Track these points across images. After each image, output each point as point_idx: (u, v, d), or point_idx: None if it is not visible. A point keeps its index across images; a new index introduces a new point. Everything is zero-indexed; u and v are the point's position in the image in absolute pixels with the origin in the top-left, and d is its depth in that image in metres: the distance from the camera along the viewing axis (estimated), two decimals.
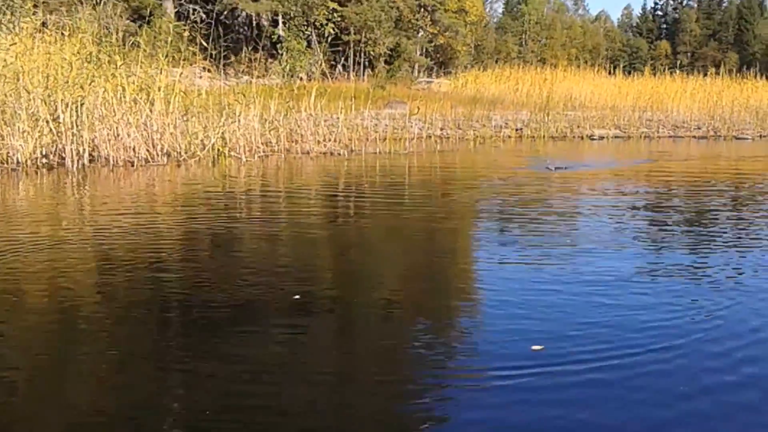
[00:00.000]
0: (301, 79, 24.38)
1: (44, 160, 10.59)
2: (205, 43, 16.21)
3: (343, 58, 33.48)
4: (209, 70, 22.29)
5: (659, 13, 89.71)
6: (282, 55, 27.36)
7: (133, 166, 10.90)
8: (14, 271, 4.87)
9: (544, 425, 2.73)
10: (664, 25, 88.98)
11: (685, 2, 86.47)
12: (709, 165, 13.32)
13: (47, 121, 10.69)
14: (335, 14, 33.64)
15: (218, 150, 12.10)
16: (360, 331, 3.90)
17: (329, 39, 31.97)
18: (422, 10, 40.17)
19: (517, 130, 18.67)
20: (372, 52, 34.51)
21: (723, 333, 3.72)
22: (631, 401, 2.92)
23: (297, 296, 4.28)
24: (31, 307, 4.17)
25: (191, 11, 29.81)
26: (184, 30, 15.95)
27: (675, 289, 4.53)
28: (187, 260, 5.43)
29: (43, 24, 13.02)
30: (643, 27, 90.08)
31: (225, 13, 31.90)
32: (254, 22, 34.03)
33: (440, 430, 2.72)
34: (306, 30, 31.92)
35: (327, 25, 32.59)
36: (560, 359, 3.30)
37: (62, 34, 12.44)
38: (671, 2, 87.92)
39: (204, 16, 28.64)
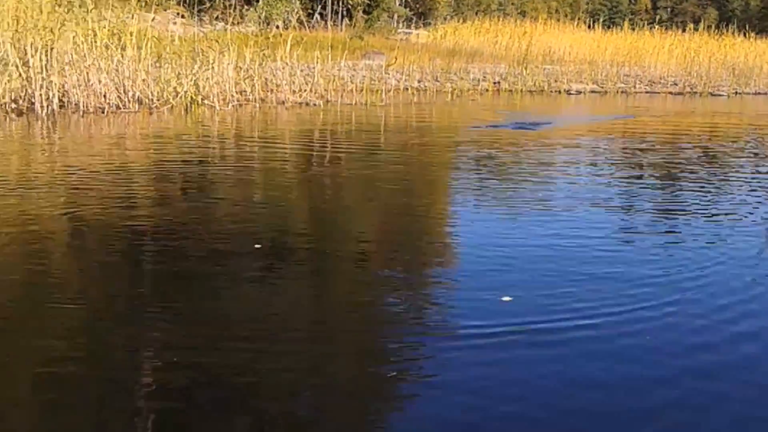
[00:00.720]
0: (277, 27, 24.02)
1: (13, 105, 10.38)
2: None
3: (320, 7, 33.01)
4: (183, 16, 21.89)
5: None
6: (258, 1, 26.93)
7: (103, 112, 10.71)
8: None
9: (520, 382, 2.76)
10: None
11: None
12: (686, 120, 13.36)
13: (17, 66, 10.45)
14: None
15: (191, 98, 11.92)
16: (333, 285, 3.89)
17: None
18: None
19: (494, 83, 18.56)
20: (350, 1, 34.02)
21: (715, 289, 3.74)
22: (619, 357, 2.94)
23: (258, 245, 4.26)
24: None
25: None
26: None
27: (656, 243, 4.56)
28: (158, 206, 5.40)
29: None
30: None
31: None
32: None
33: (414, 388, 2.73)
34: None
35: None
36: (536, 314, 3.32)
37: None
38: None
39: None
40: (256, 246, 4.31)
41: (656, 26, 31.33)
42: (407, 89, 16.59)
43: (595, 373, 2.80)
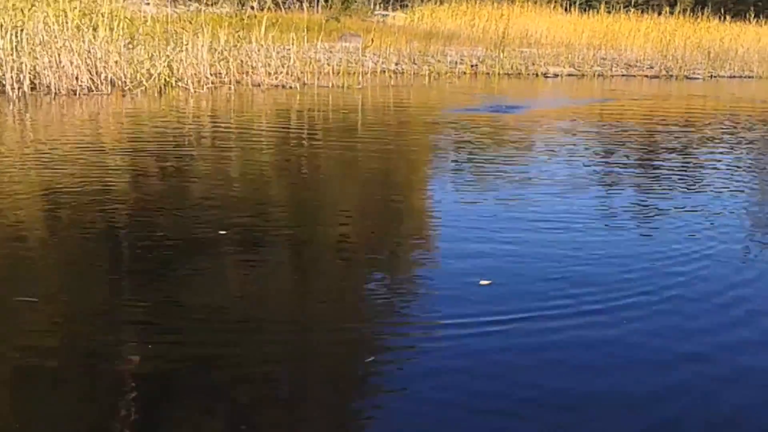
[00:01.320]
0: (252, 8, 23.76)
1: None
2: None
3: None
4: None
5: None
6: None
7: (76, 94, 10.54)
8: None
9: (499, 370, 2.72)
10: None
11: None
12: (663, 104, 13.40)
13: None
14: None
15: (165, 80, 11.75)
16: (311, 271, 3.82)
17: None
18: None
19: (472, 66, 18.50)
20: None
21: (705, 273, 3.72)
22: (613, 344, 2.92)
23: (234, 229, 4.19)
24: None
25: None
26: None
27: (639, 227, 4.56)
28: (131, 189, 5.31)
29: None
30: None
31: None
32: None
33: (393, 376, 2.68)
34: None
35: None
36: (519, 301, 3.29)
37: None
38: None
39: None
40: (233, 230, 4.25)
41: (632, 9, 31.39)
42: (384, 72, 16.49)
43: (592, 358, 2.77)
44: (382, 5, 39.72)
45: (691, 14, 28.15)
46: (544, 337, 2.92)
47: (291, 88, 13.07)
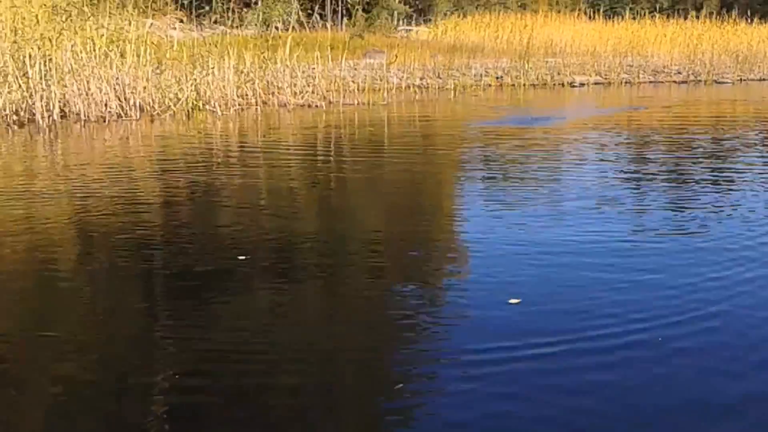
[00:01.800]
0: (276, 29, 23.93)
1: (14, 117, 10.32)
2: None
3: (318, 7, 32.90)
4: (182, 21, 21.84)
5: None
6: (256, 4, 26.86)
7: (105, 121, 10.66)
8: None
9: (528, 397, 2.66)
10: None
11: None
12: (693, 110, 13.24)
13: (16, 77, 10.40)
14: None
15: (192, 103, 11.85)
16: (344, 295, 3.77)
17: None
18: None
19: (497, 78, 18.46)
20: (349, 0, 33.91)
21: (752, 288, 3.61)
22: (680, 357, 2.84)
23: (248, 256, 4.16)
24: (5, 266, 4.06)
25: None
26: None
27: (675, 243, 4.38)
28: (164, 215, 5.35)
29: None
30: None
31: None
32: None
33: (422, 406, 2.63)
34: None
35: None
36: (551, 321, 3.23)
37: None
38: None
39: None
40: (262, 253, 4.25)
41: (657, 14, 31.14)
42: (409, 87, 16.50)
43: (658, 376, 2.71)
44: (405, 20, 39.85)
45: (718, 17, 27.86)
46: (581, 359, 2.86)
47: (317, 107, 13.12)
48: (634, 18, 30.98)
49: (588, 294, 3.50)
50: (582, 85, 18.55)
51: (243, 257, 4.10)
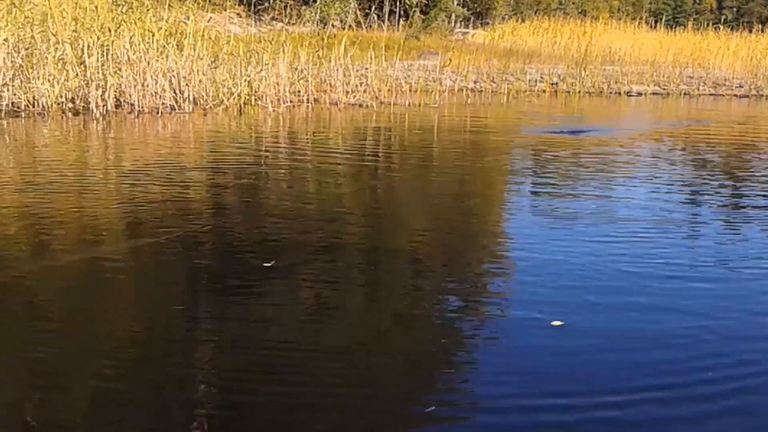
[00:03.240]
0: (334, 27, 24.01)
1: (70, 105, 10.53)
2: None
3: (374, 8, 32.89)
4: (241, 16, 22.05)
5: None
6: (315, 1, 26.97)
7: (158, 113, 10.80)
8: (38, 214, 4.85)
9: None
10: None
11: None
12: (756, 127, 12.89)
13: (74, 66, 10.61)
14: None
15: (245, 99, 11.94)
16: (386, 298, 3.74)
17: None
18: None
19: (552, 84, 18.24)
20: (408, 1, 33.87)
21: None
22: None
23: (309, 255, 4.16)
24: (55, 255, 4.14)
25: None
26: None
27: (738, 274, 4.06)
28: (214, 209, 5.40)
29: None
30: None
31: None
32: None
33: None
34: None
35: None
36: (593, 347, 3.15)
37: None
38: None
39: None
40: (306, 256, 4.25)
41: (721, 26, 30.46)
42: (462, 90, 16.40)
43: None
44: (462, 23, 39.67)
45: None
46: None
47: (368, 106, 13.11)
48: (697, 29, 30.38)
49: (640, 317, 3.40)
50: (639, 94, 18.21)
51: (277, 260, 4.09)
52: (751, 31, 28.46)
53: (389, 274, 4.09)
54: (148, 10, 12.09)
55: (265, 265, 3.93)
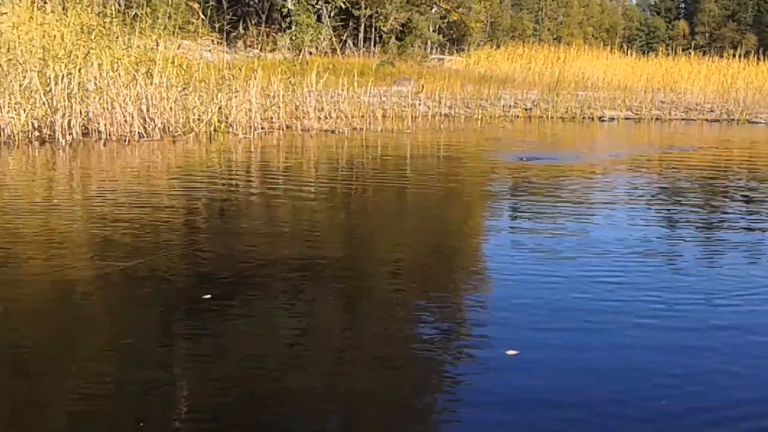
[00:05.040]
0: (310, 53, 24.03)
1: (36, 134, 10.39)
2: (209, 16, 15.92)
3: (351, 34, 33.00)
4: (216, 43, 22.01)
5: None
6: (291, 28, 27.01)
7: (126, 141, 10.67)
8: (7, 240, 4.78)
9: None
10: (683, 5, 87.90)
11: None
12: (727, 152, 12.95)
13: (41, 94, 10.47)
14: None
15: (215, 126, 11.85)
16: (364, 320, 3.70)
17: (339, 13, 31.52)
18: None
19: (526, 109, 18.33)
20: (383, 28, 34.06)
21: None
22: None
23: (285, 276, 4.10)
24: (25, 279, 4.07)
25: None
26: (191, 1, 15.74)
27: (720, 308, 3.83)
28: (185, 232, 5.32)
29: None
30: (661, 6, 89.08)
31: None
32: None
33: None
34: (316, 4, 31.46)
35: None
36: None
37: (63, 6, 12.20)
38: None
39: None
40: (284, 277, 4.20)
41: (693, 52, 30.86)
42: (435, 116, 16.42)
43: None
44: (438, 49, 39.92)
45: (755, 57, 27.53)
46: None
47: (340, 132, 13.06)
48: (668, 54, 30.75)
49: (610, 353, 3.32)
50: (612, 119, 18.33)
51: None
52: (722, 56, 28.83)
53: (362, 295, 3.99)
54: (117, 38, 12.00)
55: (205, 297, 3.78)
